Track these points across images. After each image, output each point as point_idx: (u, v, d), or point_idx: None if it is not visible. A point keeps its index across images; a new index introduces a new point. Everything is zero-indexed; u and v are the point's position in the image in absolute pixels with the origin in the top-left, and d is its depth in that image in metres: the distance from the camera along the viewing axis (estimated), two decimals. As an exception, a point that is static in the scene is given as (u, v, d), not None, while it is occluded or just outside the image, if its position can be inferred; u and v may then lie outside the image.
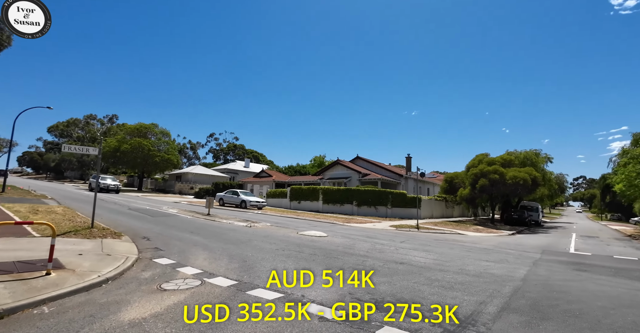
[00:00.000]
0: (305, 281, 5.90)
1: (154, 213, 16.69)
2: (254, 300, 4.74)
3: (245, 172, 54.70)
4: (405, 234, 14.96)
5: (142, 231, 10.92)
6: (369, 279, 6.12)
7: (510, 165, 24.80)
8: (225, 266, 6.90)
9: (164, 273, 6.26)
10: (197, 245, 9.09)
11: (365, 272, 6.72)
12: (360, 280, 6.05)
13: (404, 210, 25.92)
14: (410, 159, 38.08)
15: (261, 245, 9.47)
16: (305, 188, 28.47)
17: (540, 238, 18.32)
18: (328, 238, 11.62)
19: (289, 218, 19.55)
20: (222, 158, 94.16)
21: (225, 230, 12.49)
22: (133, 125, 44.37)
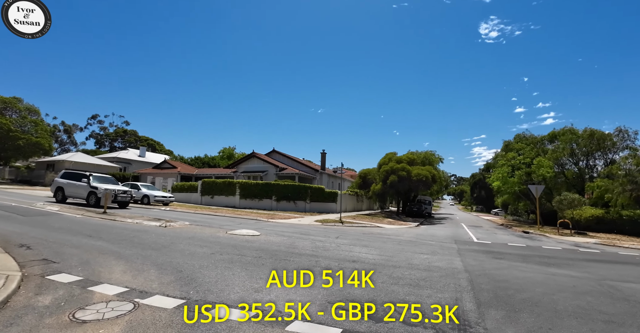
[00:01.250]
0: (271, 290, 5.07)
1: (26, 212, 12.96)
2: (224, 328, 3.74)
3: (141, 162, 48.08)
4: (334, 229, 14.98)
5: (15, 237, 8.21)
6: (337, 281, 5.64)
7: (414, 164, 27.50)
8: (157, 279, 5.50)
9: (71, 295, 4.60)
10: (104, 253, 7.18)
11: (330, 274, 6.22)
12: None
13: (322, 205, 26.32)
14: (325, 155, 39.09)
15: (191, 249, 8.06)
16: (219, 182, 26.33)
17: (442, 228, 20.72)
18: (263, 237, 10.71)
19: (206, 215, 17.67)
20: (108, 145, 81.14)
21: (134, 231, 10.38)
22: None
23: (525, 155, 26.51)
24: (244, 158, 35.88)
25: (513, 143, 32.75)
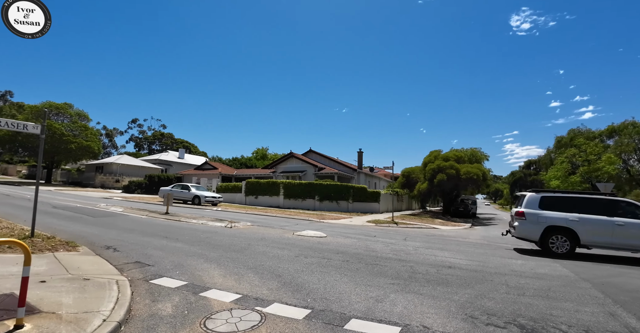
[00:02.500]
0: (395, 301, 4.62)
1: (93, 213, 13.35)
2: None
3: (180, 164, 49.54)
4: (392, 230, 14.39)
5: (96, 239, 8.29)
6: (456, 290, 5.10)
7: (462, 161, 26.25)
8: (262, 284, 5.21)
9: (188, 302, 4.36)
10: (190, 255, 7.04)
11: (438, 281, 5.70)
12: (450, 293, 4.99)
13: (365, 205, 25.72)
14: (362, 154, 38.40)
15: (272, 252, 7.79)
16: (263, 182, 26.38)
17: (500, 229, 19.50)
18: (331, 239, 10.32)
19: (258, 215, 17.60)
20: (147, 147, 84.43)
21: (204, 232, 10.32)
22: (39, 104, 36.31)
23: (589, 151, 24.52)
24: (282, 158, 35.90)
25: (566, 138, 30.62)
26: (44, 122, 6.85)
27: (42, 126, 6.80)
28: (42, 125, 6.80)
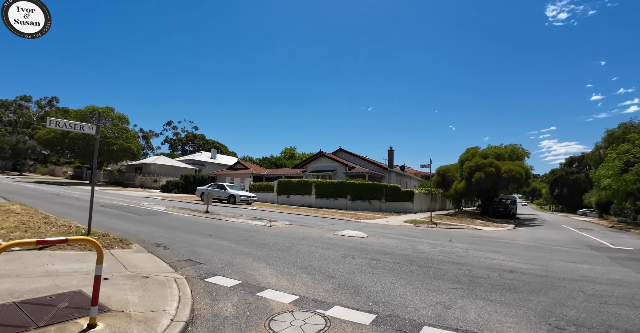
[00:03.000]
0: (465, 307, 4.28)
1: (138, 211, 13.84)
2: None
3: (213, 164, 50.89)
4: (433, 231, 13.84)
5: (145, 236, 8.48)
6: (528, 297, 4.68)
7: (502, 159, 24.97)
8: (317, 286, 5.04)
9: (247, 302, 4.26)
10: (238, 254, 7.02)
11: (504, 287, 5.28)
12: (523, 300, 4.58)
13: (398, 204, 25.09)
14: (393, 153, 37.62)
15: (318, 252, 7.62)
16: (295, 182, 26.44)
17: (548, 231, 18.34)
18: (374, 239, 10.03)
19: (293, 214, 17.58)
20: (180, 148, 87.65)
21: (246, 231, 10.35)
22: (84, 109, 38.58)
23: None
24: (312, 158, 35.89)
25: (618, 132, 28.36)
26: (98, 123, 7.06)
27: (96, 127, 7.02)
28: (96, 126, 7.02)
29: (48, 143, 36.68)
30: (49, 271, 4.74)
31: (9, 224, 7.91)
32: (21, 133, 60.83)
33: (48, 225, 8.12)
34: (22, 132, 61.27)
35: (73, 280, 4.41)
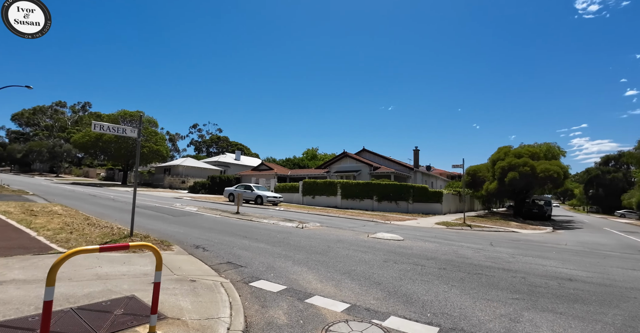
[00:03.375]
0: (535, 322, 3.94)
1: (172, 212, 14.08)
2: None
3: (237, 165, 51.64)
4: (470, 233, 13.30)
5: (183, 238, 8.53)
6: (598, 309, 4.26)
7: (537, 158, 23.79)
8: (366, 293, 4.81)
9: (298, 311, 4.09)
10: (276, 256, 6.90)
11: (567, 297, 4.87)
12: (593, 313, 4.17)
13: (426, 205, 24.43)
14: (418, 152, 36.82)
15: (357, 256, 7.39)
16: (320, 182, 26.31)
17: (590, 234, 17.28)
18: (411, 242, 9.68)
19: (321, 215, 17.42)
20: (205, 150, 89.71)
21: (279, 233, 10.26)
22: (116, 113, 40.14)
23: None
24: (336, 158, 35.65)
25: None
26: (140, 126, 7.13)
27: (138, 130, 7.10)
28: (138, 129, 7.09)
29: (83, 146, 38.38)
30: (98, 274, 4.77)
31: (54, 225, 8.16)
32: (57, 136, 64.17)
33: (91, 226, 8.32)
34: (57, 136, 64.62)
35: (124, 284, 4.40)
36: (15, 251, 5.68)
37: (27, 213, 10.09)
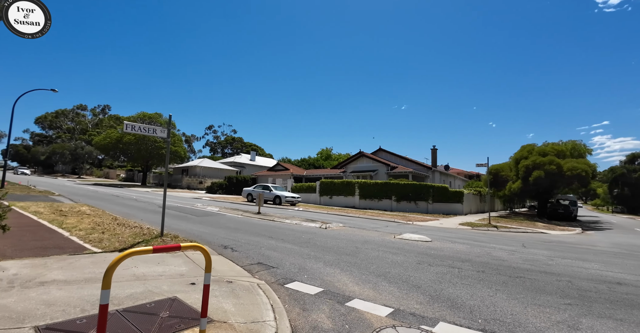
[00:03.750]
0: (597, 331, 3.67)
1: (194, 212, 14.17)
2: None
3: (252, 165, 51.98)
4: (499, 235, 12.89)
5: (210, 238, 8.51)
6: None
7: (563, 156, 22.98)
8: (407, 297, 4.63)
9: (341, 314, 3.95)
10: (306, 258, 6.77)
11: (628, 304, 4.55)
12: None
13: (446, 205, 23.92)
14: (436, 152, 36.19)
15: (386, 257, 7.19)
16: (337, 182, 26.13)
17: (624, 236, 16.54)
18: (439, 244, 9.41)
19: (341, 216, 17.25)
20: (220, 151, 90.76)
21: (303, 233, 10.14)
22: (135, 115, 40.98)
23: None
24: (352, 158, 35.39)
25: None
26: (169, 126, 7.12)
27: (167, 130, 7.09)
28: (167, 129, 7.09)
29: (104, 147, 39.34)
30: (136, 275, 4.73)
31: (85, 225, 8.26)
32: (78, 139, 66.05)
33: (121, 226, 8.39)
34: (79, 138, 66.52)
35: (163, 284, 4.34)
36: (51, 251, 5.73)
37: (57, 213, 10.29)
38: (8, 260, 5.05)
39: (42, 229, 7.74)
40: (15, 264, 4.82)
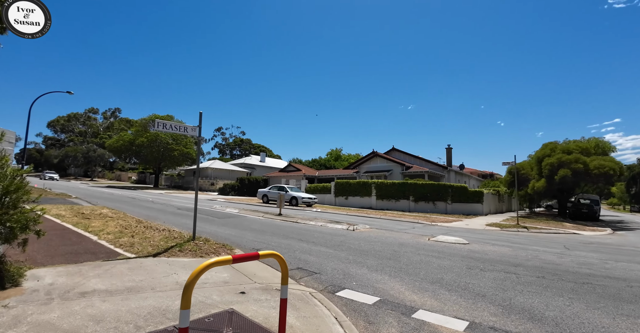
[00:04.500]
0: None
1: (215, 214, 13.86)
2: None
3: (262, 166, 51.78)
4: (533, 236, 12.34)
5: (238, 240, 8.16)
6: None
7: (587, 154, 22.19)
8: (475, 307, 4.19)
9: (413, 329, 3.57)
10: (346, 262, 6.37)
11: None
12: None
13: (465, 205, 23.31)
14: (451, 150, 35.56)
15: (431, 261, 6.74)
16: (353, 183, 25.68)
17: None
18: (479, 247, 8.92)
19: (362, 217, 16.81)
20: (229, 153, 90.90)
21: (333, 235, 9.73)
22: (147, 117, 41.05)
23: None
24: (365, 158, 34.89)
25: None
26: (201, 124, 6.79)
27: (199, 128, 6.76)
28: (199, 127, 6.75)
29: (117, 150, 39.48)
30: (179, 282, 4.37)
31: (112, 228, 7.97)
32: (90, 142, 66.66)
33: (148, 229, 8.08)
34: (90, 141, 67.13)
35: (212, 294, 3.97)
36: (84, 257, 5.41)
37: (80, 216, 10.04)
38: (40, 267, 4.74)
39: (68, 233, 7.46)
40: (49, 272, 4.50)
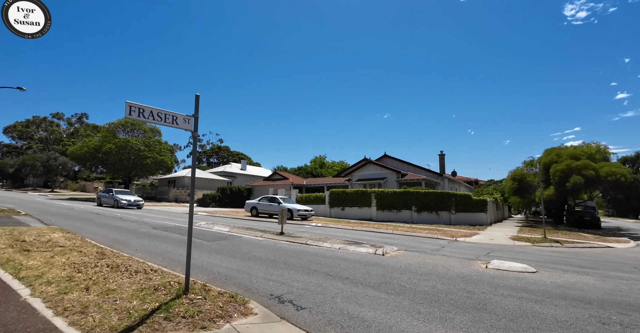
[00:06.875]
0: None
1: (202, 234, 11.29)
2: None
3: (243, 175, 48.82)
4: (579, 253, 10.63)
5: (247, 281, 5.81)
6: None
7: (594, 159, 21.36)
8: None
9: None
10: (416, 318, 4.21)
11: None
12: None
13: (469, 215, 21.79)
14: (444, 157, 34.42)
15: (532, 310, 4.69)
16: (351, 192, 23.59)
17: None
18: (558, 277, 6.99)
19: (372, 232, 14.70)
20: (205, 161, 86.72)
21: (364, 265, 7.51)
22: (116, 121, 37.31)
23: None
24: (356, 165, 33.05)
25: None
26: (197, 114, 4.48)
27: (195, 119, 4.45)
28: (195, 118, 4.45)
29: (81, 157, 35.42)
30: None
31: (57, 271, 5.38)
32: (52, 149, 61.03)
33: (113, 270, 5.51)
34: (52, 149, 61.49)
35: None
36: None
37: (17, 246, 7.29)
38: None
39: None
40: None
